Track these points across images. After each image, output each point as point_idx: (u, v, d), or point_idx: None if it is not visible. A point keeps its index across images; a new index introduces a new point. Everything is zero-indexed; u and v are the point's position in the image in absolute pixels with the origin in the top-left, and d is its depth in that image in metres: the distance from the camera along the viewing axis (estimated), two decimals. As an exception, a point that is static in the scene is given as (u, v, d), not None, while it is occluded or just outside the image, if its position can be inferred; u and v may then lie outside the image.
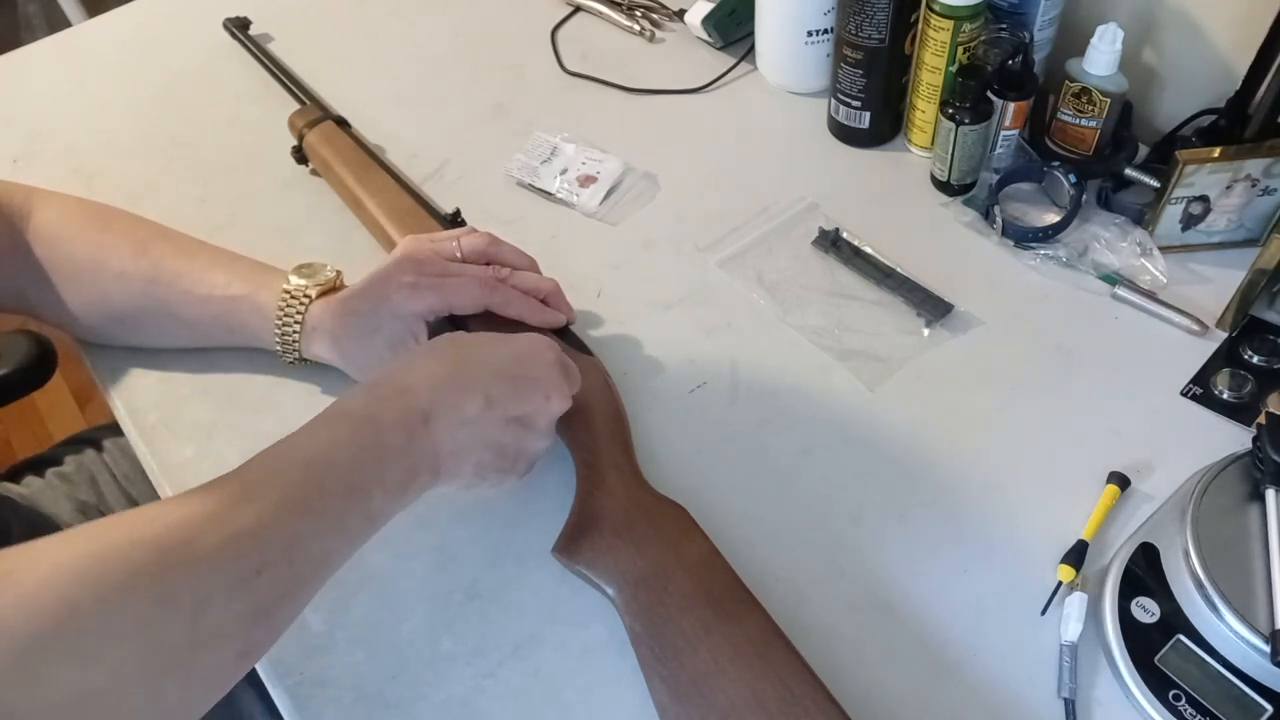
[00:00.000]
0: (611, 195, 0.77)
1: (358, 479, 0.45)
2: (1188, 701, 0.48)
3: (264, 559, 0.40)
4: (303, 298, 0.61)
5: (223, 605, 0.38)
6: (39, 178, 0.69)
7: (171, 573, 0.37)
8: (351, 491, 0.44)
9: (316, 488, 0.43)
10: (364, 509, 0.45)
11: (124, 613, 0.35)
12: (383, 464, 0.46)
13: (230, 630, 0.38)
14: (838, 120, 0.79)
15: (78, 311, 0.64)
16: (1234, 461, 0.54)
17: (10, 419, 1.80)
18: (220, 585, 0.38)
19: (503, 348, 0.53)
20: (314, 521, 0.42)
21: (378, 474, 0.45)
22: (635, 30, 0.92)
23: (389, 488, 0.46)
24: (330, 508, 0.43)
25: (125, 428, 0.66)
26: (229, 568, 0.39)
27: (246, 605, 0.39)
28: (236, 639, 0.39)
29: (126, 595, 0.36)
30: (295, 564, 0.41)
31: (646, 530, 0.54)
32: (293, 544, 0.41)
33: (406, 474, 0.47)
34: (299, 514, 0.42)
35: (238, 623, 0.39)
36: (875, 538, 0.56)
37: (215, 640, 0.38)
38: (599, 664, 0.53)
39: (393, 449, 0.46)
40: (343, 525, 0.44)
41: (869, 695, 0.50)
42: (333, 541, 0.44)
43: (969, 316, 0.67)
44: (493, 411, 0.50)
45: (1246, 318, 0.64)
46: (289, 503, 0.42)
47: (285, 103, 0.82)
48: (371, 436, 0.46)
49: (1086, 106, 0.70)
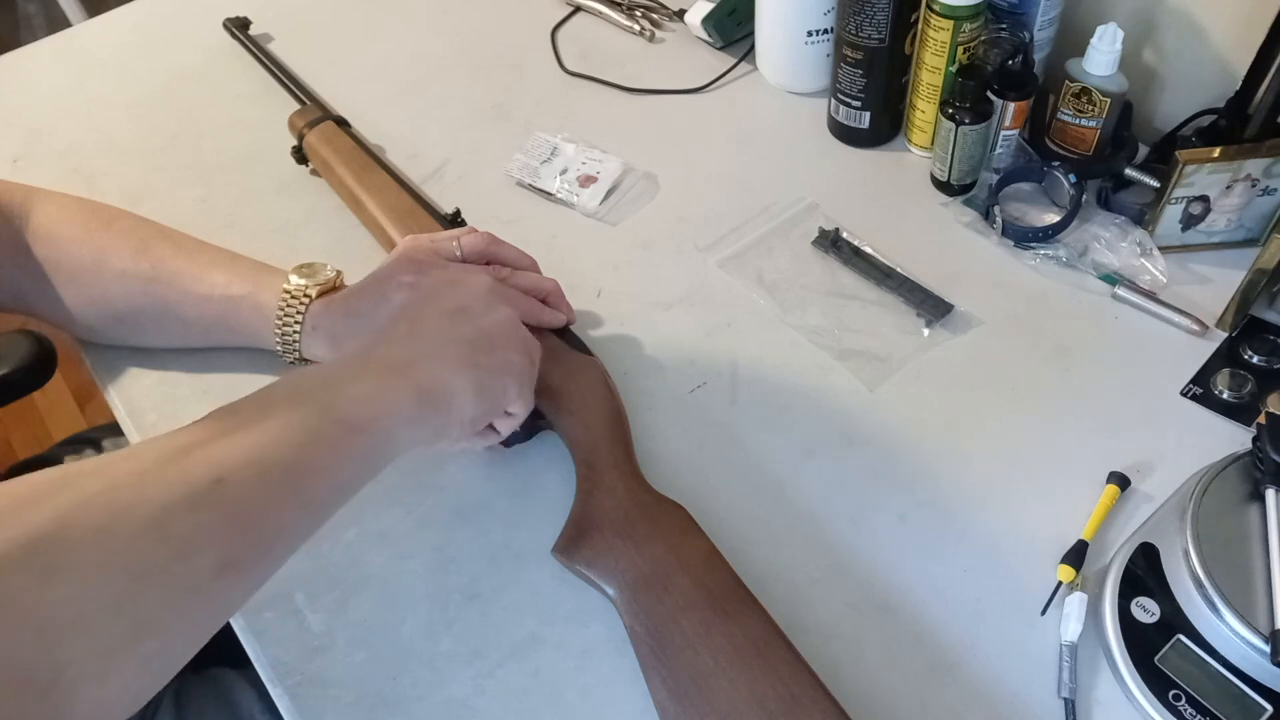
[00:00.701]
0: (611, 195, 0.77)
1: (301, 397, 0.44)
2: (1188, 701, 0.48)
3: (221, 470, 0.39)
4: (303, 297, 0.61)
5: (186, 513, 0.38)
6: (39, 178, 0.69)
7: (122, 489, 0.37)
8: (302, 399, 0.44)
9: (257, 411, 0.43)
10: (329, 416, 0.44)
11: (82, 525, 0.35)
12: (327, 382, 0.46)
13: (201, 538, 0.38)
14: (838, 120, 0.79)
15: (78, 311, 0.64)
16: (1234, 461, 0.54)
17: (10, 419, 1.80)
18: (178, 494, 0.38)
19: (394, 300, 0.55)
20: (268, 433, 0.42)
21: (323, 389, 0.45)
22: (635, 30, 0.92)
23: (353, 397, 0.45)
24: (284, 420, 0.43)
25: (125, 428, 0.66)
26: (178, 478, 0.38)
27: (214, 512, 0.39)
28: (210, 548, 0.38)
29: (80, 510, 0.35)
30: (268, 473, 0.41)
31: (646, 530, 0.54)
32: (251, 453, 0.41)
33: (372, 383, 0.46)
34: (243, 430, 0.42)
35: (209, 530, 0.38)
36: (875, 538, 0.56)
37: (187, 549, 0.37)
38: (599, 664, 0.53)
39: (334, 370, 0.47)
40: (312, 432, 0.43)
41: (869, 695, 0.50)
42: (308, 451, 0.43)
43: (969, 316, 0.67)
44: (424, 318, 0.50)
45: (1246, 318, 0.64)
46: (227, 426, 0.42)
47: (285, 103, 0.82)
48: (298, 374, 0.47)
49: (1086, 106, 0.70)
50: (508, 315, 0.53)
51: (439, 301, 0.52)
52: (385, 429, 0.46)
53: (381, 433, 0.46)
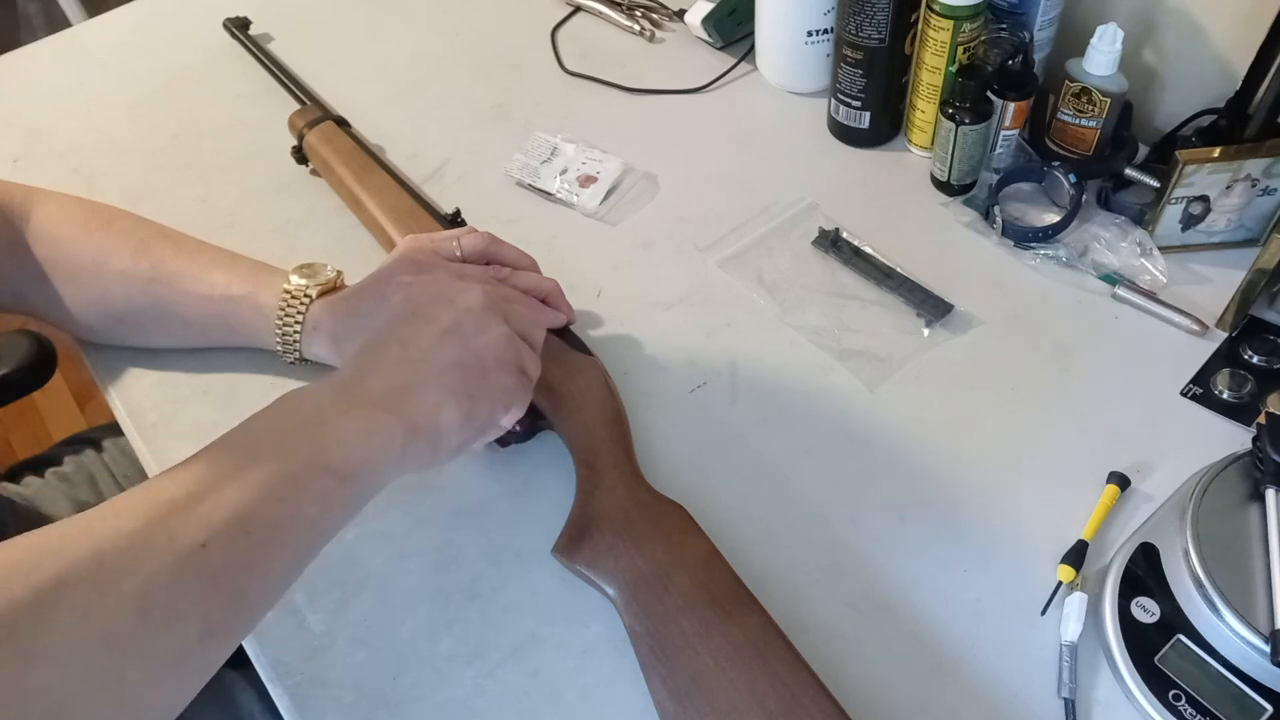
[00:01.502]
0: (611, 195, 0.77)
1: (291, 438, 0.44)
2: (1188, 701, 0.48)
3: (207, 531, 0.39)
4: (303, 297, 0.61)
5: (170, 584, 0.37)
6: (39, 178, 0.69)
7: (107, 558, 0.36)
8: (291, 443, 0.43)
9: (245, 455, 0.42)
10: (317, 464, 0.43)
11: (61, 605, 0.34)
12: (320, 415, 0.45)
13: (184, 608, 0.37)
14: (838, 120, 0.79)
15: (78, 311, 0.64)
16: (1234, 461, 0.54)
17: (10, 419, 1.80)
18: (162, 563, 0.37)
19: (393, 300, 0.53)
20: (253, 487, 0.41)
21: (315, 427, 0.44)
22: (635, 30, 0.92)
23: (343, 438, 0.44)
24: (270, 470, 0.42)
25: (125, 428, 0.66)
26: (165, 545, 0.38)
27: (198, 580, 0.38)
28: (194, 618, 0.38)
29: (61, 586, 0.35)
30: (252, 533, 0.40)
31: (646, 530, 0.54)
32: (236, 511, 0.40)
33: (364, 420, 0.45)
34: (230, 483, 0.41)
35: (192, 599, 0.38)
36: (875, 538, 0.56)
37: (170, 621, 0.37)
38: (599, 664, 0.53)
39: (327, 401, 0.46)
40: (299, 486, 0.42)
41: (869, 695, 0.50)
42: (292, 505, 0.42)
43: (969, 316, 0.67)
44: (417, 340, 0.49)
45: (1246, 318, 0.64)
46: (216, 476, 0.41)
47: (285, 103, 0.82)
48: (296, 404, 0.45)
49: (1086, 106, 0.70)
50: (501, 334, 0.51)
51: (432, 321, 0.50)
52: (372, 471, 0.45)
53: (369, 475, 0.45)
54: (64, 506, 0.79)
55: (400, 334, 0.50)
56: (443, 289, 0.52)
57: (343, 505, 0.45)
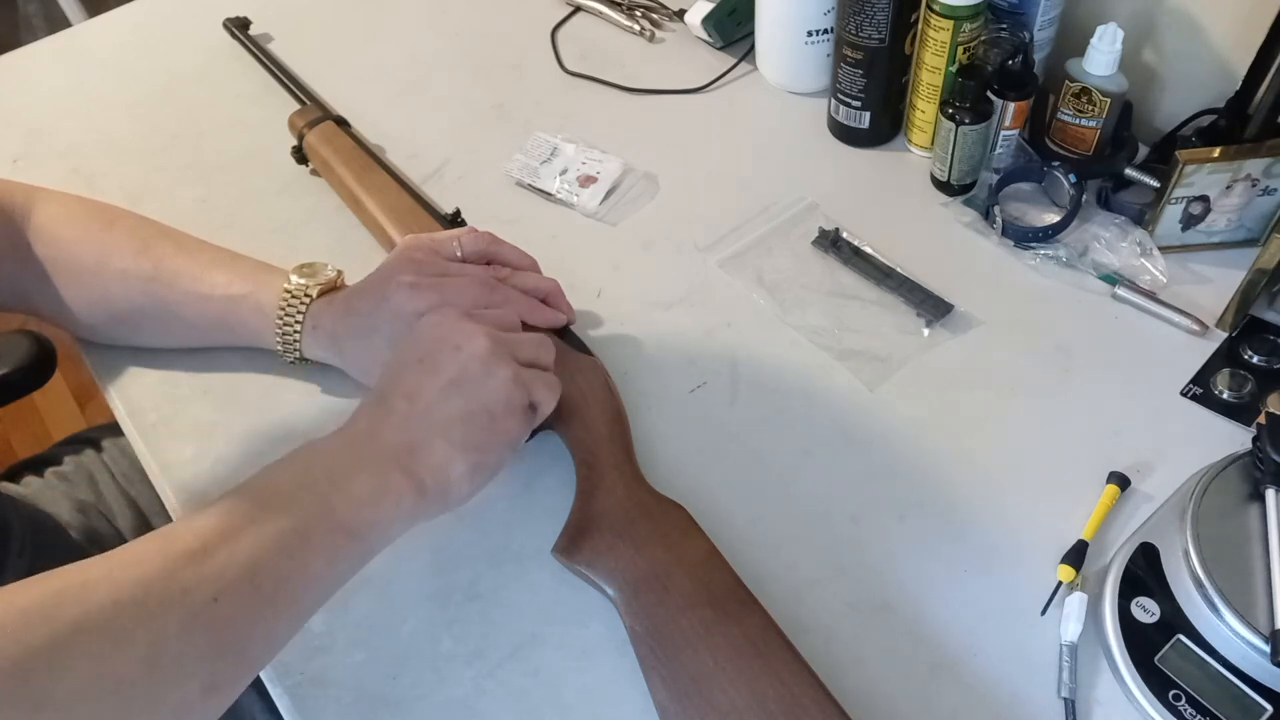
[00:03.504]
0: (611, 195, 0.77)
1: (304, 494, 0.45)
2: (1188, 701, 0.48)
3: (219, 585, 0.40)
4: (304, 297, 0.61)
5: (180, 636, 0.38)
6: (39, 178, 0.69)
7: (124, 609, 0.37)
8: (303, 498, 0.45)
9: (260, 507, 0.43)
10: (328, 521, 0.45)
11: (76, 652, 0.35)
12: (333, 474, 0.46)
13: (191, 663, 0.38)
14: (838, 120, 0.79)
15: (78, 310, 0.64)
16: (1234, 461, 0.54)
17: (10, 419, 1.80)
18: (175, 617, 0.38)
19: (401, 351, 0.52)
20: (265, 541, 0.42)
21: (328, 485, 0.46)
22: (635, 30, 0.92)
23: (354, 497, 0.46)
24: (283, 526, 0.43)
25: (125, 427, 0.66)
26: (179, 598, 0.39)
27: (207, 635, 0.39)
28: (200, 673, 0.38)
29: (77, 634, 0.35)
30: (261, 588, 0.41)
31: (646, 530, 0.54)
32: (246, 566, 0.41)
33: (375, 480, 0.47)
34: (244, 535, 0.42)
35: (199, 654, 0.38)
36: (875, 538, 0.56)
37: (177, 675, 0.38)
38: (599, 664, 0.53)
39: (341, 460, 0.47)
40: (309, 543, 0.44)
41: (869, 695, 0.50)
42: (301, 560, 0.43)
43: (969, 316, 0.67)
44: (422, 393, 0.49)
45: (1246, 318, 0.64)
46: (231, 527, 0.42)
47: (285, 103, 0.82)
48: (308, 458, 0.47)
49: (1086, 106, 0.70)
50: (506, 377, 0.51)
51: (437, 371, 0.50)
52: (382, 529, 0.47)
53: (378, 533, 0.47)
54: (64, 506, 0.79)
55: (406, 386, 0.50)
56: (447, 334, 0.51)
57: (349, 561, 0.46)
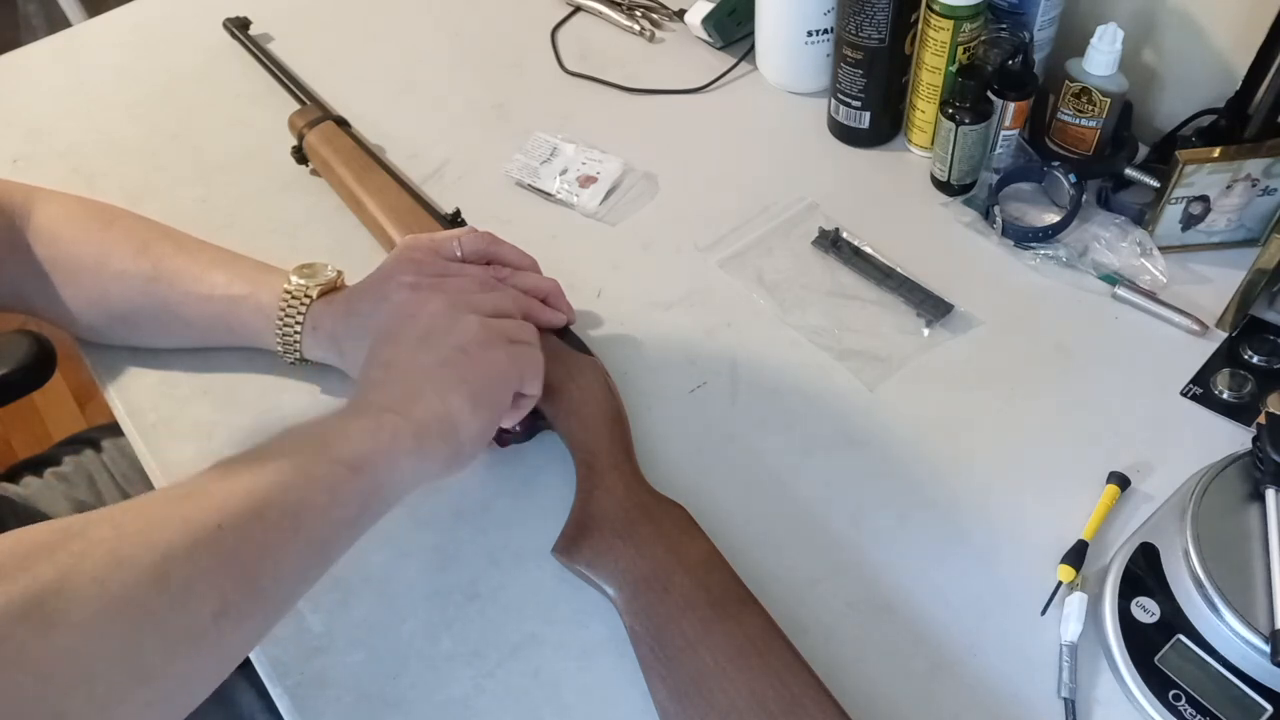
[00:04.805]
0: (611, 195, 0.77)
1: (301, 440, 0.46)
2: (1188, 701, 0.48)
3: (222, 514, 0.40)
4: (304, 297, 0.61)
5: (185, 560, 0.39)
6: (39, 178, 0.69)
7: (128, 533, 0.38)
8: (300, 445, 0.46)
9: (257, 457, 0.44)
10: (326, 456, 0.45)
11: (80, 570, 0.36)
12: (325, 427, 0.47)
13: (200, 585, 0.39)
14: (838, 120, 0.79)
15: (78, 310, 0.64)
16: (1234, 461, 0.54)
17: (10, 419, 1.80)
18: (180, 540, 0.39)
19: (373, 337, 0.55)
20: (265, 478, 0.43)
21: (325, 431, 0.47)
22: (635, 30, 0.92)
23: (349, 436, 0.47)
24: (281, 465, 0.44)
25: (125, 427, 0.66)
26: (181, 525, 0.39)
27: (212, 557, 0.39)
28: (209, 595, 0.39)
29: (81, 559, 0.36)
30: (265, 516, 0.42)
31: (646, 530, 0.54)
32: (250, 497, 0.42)
33: (369, 422, 0.47)
34: (243, 475, 0.43)
35: (206, 577, 0.39)
36: (875, 538, 0.56)
37: (185, 597, 0.38)
38: (599, 664, 0.53)
39: (334, 415, 0.48)
40: (309, 475, 0.44)
41: (869, 695, 0.50)
42: (304, 493, 0.44)
43: (969, 316, 0.67)
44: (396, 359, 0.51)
45: (1246, 318, 0.64)
46: (229, 468, 0.43)
47: (285, 103, 0.82)
48: (315, 419, 0.48)
49: (1086, 106, 0.70)
50: (472, 320, 0.53)
51: (403, 337, 0.53)
52: (385, 465, 0.47)
53: (381, 469, 0.47)
54: (63, 506, 0.79)
55: (382, 358, 0.52)
56: (403, 306, 0.55)
57: (356, 496, 0.46)
